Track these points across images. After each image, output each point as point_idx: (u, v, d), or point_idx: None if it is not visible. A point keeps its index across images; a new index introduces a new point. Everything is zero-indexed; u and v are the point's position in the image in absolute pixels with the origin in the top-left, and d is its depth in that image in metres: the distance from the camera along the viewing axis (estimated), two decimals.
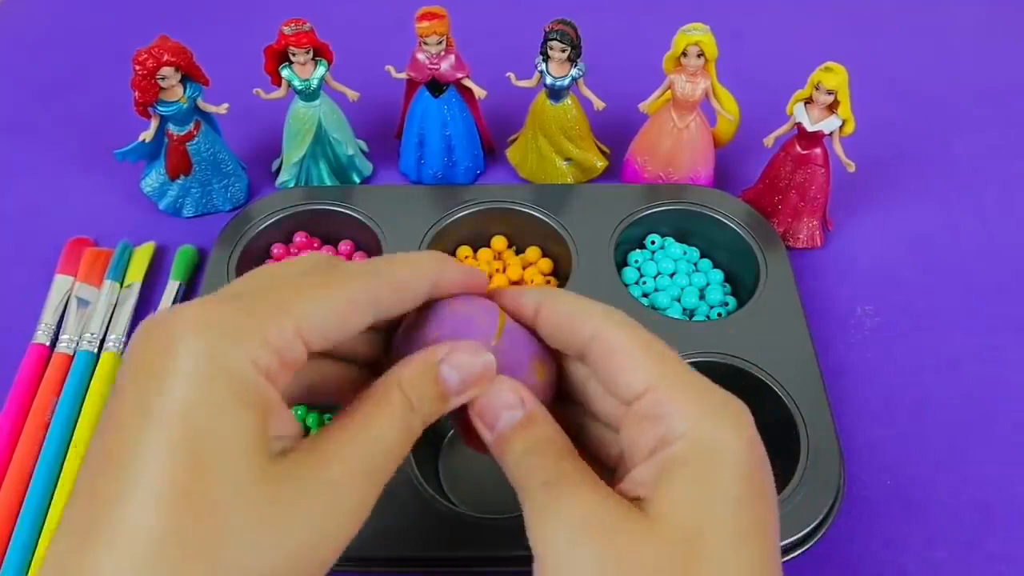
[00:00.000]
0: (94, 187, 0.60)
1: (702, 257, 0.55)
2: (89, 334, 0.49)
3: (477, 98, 0.56)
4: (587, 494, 0.24)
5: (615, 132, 0.61)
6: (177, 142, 0.54)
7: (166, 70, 0.50)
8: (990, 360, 0.50)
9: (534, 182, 0.59)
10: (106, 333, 0.50)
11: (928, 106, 0.67)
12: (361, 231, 0.53)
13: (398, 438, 0.25)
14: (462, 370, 0.26)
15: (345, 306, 0.24)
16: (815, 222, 0.55)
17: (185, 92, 0.52)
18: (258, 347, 0.22)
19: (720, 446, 0.24)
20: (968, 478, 0.45)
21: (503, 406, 0.26)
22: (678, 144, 0.55)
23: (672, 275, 0.53)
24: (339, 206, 0.54)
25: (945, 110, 0.67)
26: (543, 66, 0.53)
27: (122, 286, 0.53)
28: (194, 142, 0.54)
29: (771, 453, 0.26)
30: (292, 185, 0.58)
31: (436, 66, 0.54)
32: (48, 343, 0.50)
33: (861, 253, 0.56)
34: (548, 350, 0.29)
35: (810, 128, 0.51)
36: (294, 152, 0.56)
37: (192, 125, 0.54)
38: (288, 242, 0.54)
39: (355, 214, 0.53)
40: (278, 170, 0.59)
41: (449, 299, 0.28)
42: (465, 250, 0.54)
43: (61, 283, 0.52)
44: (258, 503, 0.21)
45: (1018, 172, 0.62)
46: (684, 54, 0.52)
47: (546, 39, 0.52)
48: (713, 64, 0.52)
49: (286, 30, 0.52)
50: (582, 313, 0.27)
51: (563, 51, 0.52)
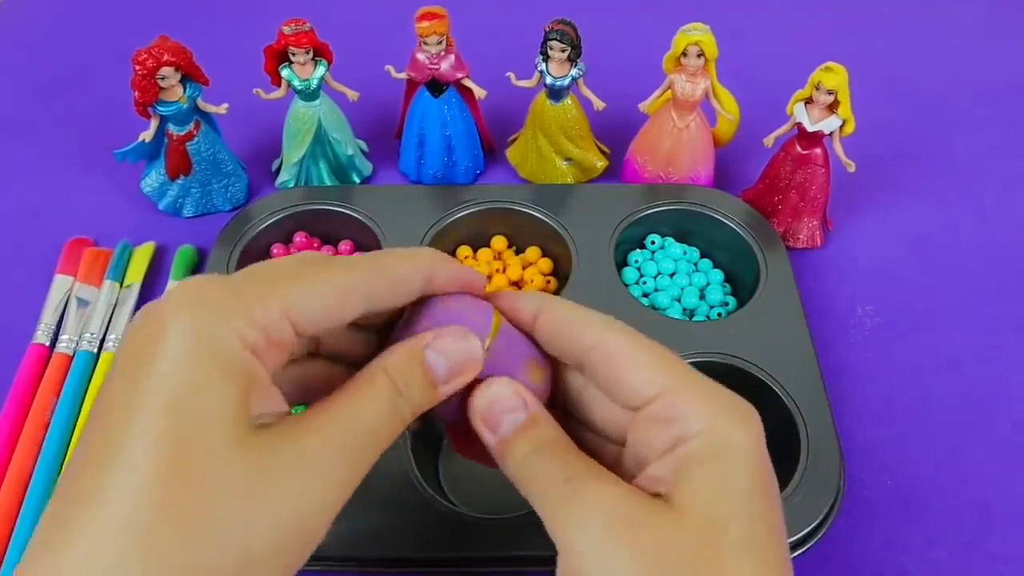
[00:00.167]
0: (94, 187, 0.60)
1: (702, 257, 0.55)
2: (89, 334, 0.49)
3: (477, 98, 0.56)
4: (612, 487, 0.24)
5: (615, 132, 0.61)
6: (177, 142, 0.54)
7: (166, 70, 0.50)
8: (990, 360, 0.50)
9: (534, 182, 0.59)
10: (106, 333, 0.50)
11: (928, 106, 0.67)
12: (361, 231, 0.53)
13: (382, 419, 0.25)
14: (449, 356, 0.26)
15: (334, 292, 0.25)
16: (815, 222, 0.55)
17: (185, 92, 0.52)
18: (244, 323, 0.23)
19: (734, 442, 0.25)
20: (968, 478, 0.45)
21: (505, 409, 0.26)
22: (678, 144, 0.55)
23: (672, 275, 0.53)
24: (339, 206, 0.54)
25: (945, 110, 0.67)
26: (543, 66, 0.53)
27: (122, 286, 0.53)
28: (194, 142, 0.54)
29: (771, 453, 0.26)
30: (292, 185, 0.58)
31: (436, 66, 0.54)
32: (48, 343, 0.49)
33: (861, 253, 0.56)
34: (544, 354, 0.29)
35: (810, 128, 0.51)
36: (294, 152, 0.56)
37: (192, 125, 0.54)
38: (288, 242, 0.54)
39: (355, 214, 0.53)
40: (278, 170, 0.59)
41: (443, 296, 0.28)
42: (465, 250, 0.54)
43: (61, 283, 0.52)
44: (237, 471, 0.21)
45: (1018, 172, 0.62)
46: (684, 54, 0.52)
47: (546, 39, 0.52)
48: (713, 64, 0.52)
49: (286, 30, 0.52)
50: (581, 321, 0.27)
51: (563, 51, 0.52)
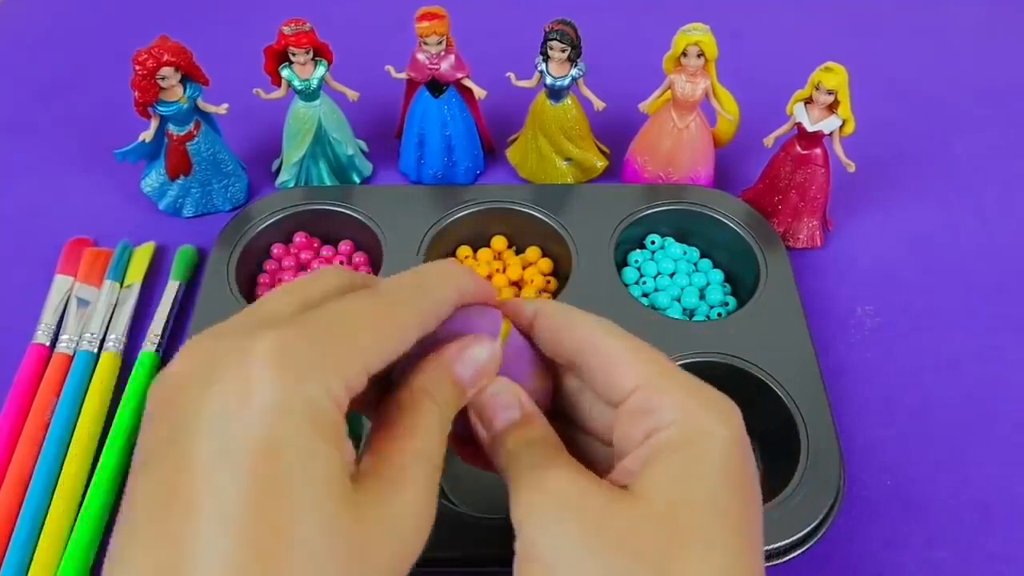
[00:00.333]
0: (94, 187, 0.60)
1: (702, 257, 0.55)
2: (89, 334, 0.49)
3: (477, 98, 0.56)
4: (572, 474, 0.25)
5: (615, 132, 0.61)
6: (177, 142, 0.54)
7: (166, 70, 0.50)
8: (990, 360, 0.50)
9: (534, 182, 0.59)
10: (106, 333, 0.50)
11: (928, 106, 0.67)
12: (361, 231, 0.53)
13: (441, 442, 0.26)
14: (475, 365, 0.27)
15: (401, 334, 0.25)
16: (815, 222, 0.55)
17: (185, 92, 0.52)
18: (335, 381, 0.22)
19: (708, 434, 0.25)
20: (968, 478, 0.45)
21: (500, 406, 0.27)
22: (678, 144, 0.55)
23: (672, 275, 0.53)
24: (339, 206, 0.54)
25: (945, 110, 0.67)
26: (543, 66, 0.53)
27: (122, 286, 0.53)
28: (194, 142, 0.54)
29: (771, 453, 0.26)
30: (292, 185, 0.58)
31: (436, 66, 0.54)
32: (48, 343, 0.49)
33: (861, 253, 0.56)
34: (546, 361, 0.29)
35: (810, 128, 0.51)
36: (294, 152, 0.56)
37: (192, 125, 0.54)
38: (288, 242, 0.54)
39: (355, 214, 0.53)
40: (278, 170, 0.59)
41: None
42: (465, 250, 0.54)
43: (61, 283, 0.52)
44: (343, 533, 0.21)
45: (1018, 172, 0.62)
46: (684, 54, 0.52)
47: (546, 39, 0.52)
48: (713, 64, 0.52)
49: (286, 30, 0.52)
50: (573, 322, 0.28)
51: (563, 51, 0.52)
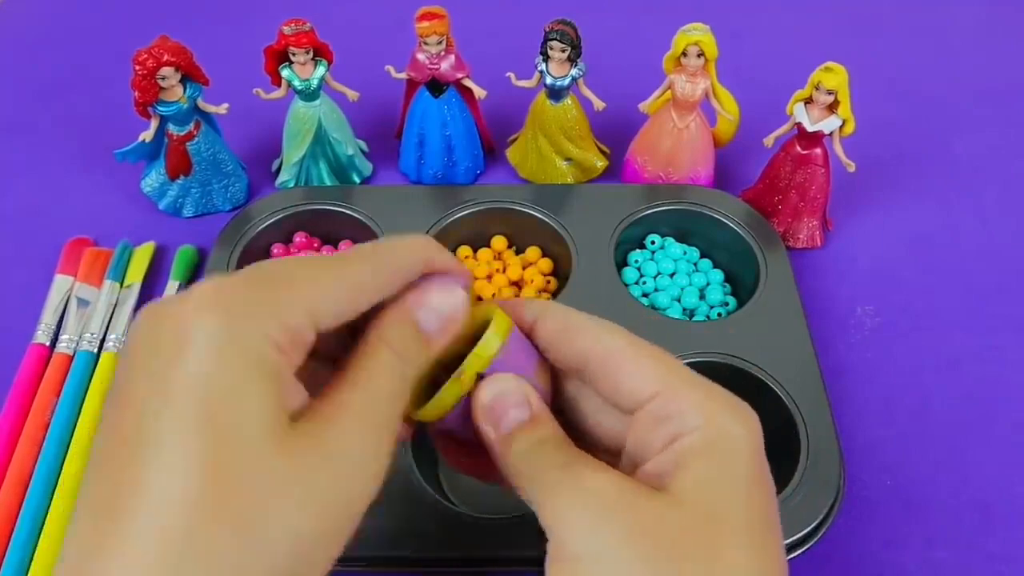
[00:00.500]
0: (94, 187, 0.60)
1: (702, 257, 0.55)
2: (89, 334, 0.49)
3: (477, 98, 0.56)
4: (609, 473, 0.25)
5: (615, 132, 0.61)
6: (177, 142, 0.54)
7: (166, 70, 0.50)
8: (990, 360, 0.50)
9: (534, 182, 0.59)
10: (106, 333, 0.50)
11: (928, 106, 0.67)
12: (361, 231, 0.53)
13: (396, 388, 0.25)
14: (439, 311, 0.27)
15: (350, 288, 0.25)
16: (815, 222, 0.55)
17: (185, 92, 0.52)
18: (271, 323, 0.23)
19: (733, 436, 0.25)
20: (968, 478, 0.45)
21: (509, 404, 0.26)
22: (678, 144, 0.55)
23: (672, 275, 0.53)
24: (339, 206, 0.54)
25: (945, 110, 0.67)
26: (543, 66, 0.53)
27: (122, 286, 0.53)
28: (194, 142, 0.54)
29: (771, 453, 0.26)
30: (292, 185, 0.58)
31: (436, 66, 0.54)
32: (48, 343, 0.49)
33: (861, 253, 0.56)
34: (546, 362, 0.29)
35: (810, 128, 0.51)
36: (294, 152, 0.56)
37: (192, 125, 0.54)
38: (288, 242, 0.54)
39: (355, 214, 0.53)
40: (278, 170, 0.59)
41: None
42: (465, 250, 0.54)
43: (61, 283, 0.52)
44: (282, 466, 0.21)
45: (1018, 172, 0.62)
46: (684, 54, 0.52)
47: (546, 39, 0.52)
48: (713, 64, 0.52)
49: (286, 30, 0.52)
50: (579, 325, 0.28)
51: (563, 51, 0.52)
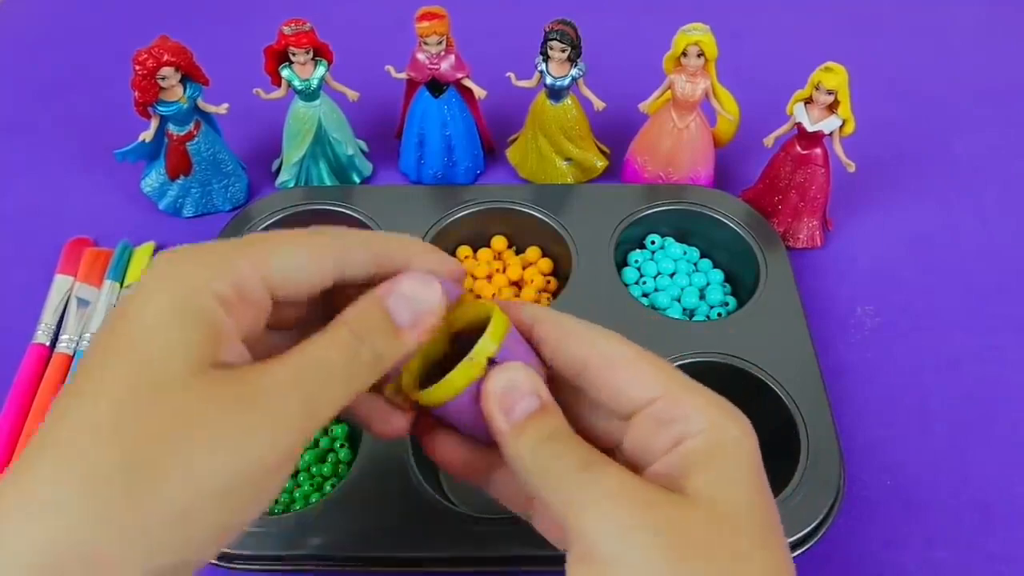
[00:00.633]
0: (94, 187, 0.60)
1: (702, 257, 0.55)
2: (89, 334, 0.49)
3: (477, 98, 0.56)
4: (628, 474, 0.25)
5: (615, 132, 0.61)
6: (177, 142, 0.54)
7: (166, 70, 0.50)
8: (990, 360, 0.50)
9: (534, 182, 0.59)
10: None
11: (928, 106, 0.67)
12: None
13: (338, 361, 0.24)
14: (410, 300, 0.26)
15: (308, 254, 0.26)
16: (815, 222, 0.55)
17: (185, 92, 0.52)
18: (215, 277, 0.23)
19: (736, 441, 0.26)
20: (968, 478, 0.45)
21: (522, 394, 0.26)
22: (678, 144, 0.55)
23: (672, 275, 0.53)
24: (339, 206, 0.54)
25: (945, 110, 0.67)
26: (543, 66, 0.53)
27: (122, 286, 0.53)
28: (194, 142, 0.54)
29: (771, 453, 0.26)
30: (292, 185, 0.58)
31: (436, 66, 0.54)
32: (48, 343, 0.50)
33: (861, 253, 0.56)
34: (541, 364, 0.29)
35: (810, 128, 0.51)
36: (294, 152, 0.56)
37: (192, 125, 0.54)
38: None
39: (355, 214, 0.53)
40: (278, 170, 0.59)
41: None
42: (465, 250, 0.54)
43: (61, 283, 0.52)
44: (190, 402, 0.22)
45: (1018, 172, 0.62)
46: (684, 54, 0.52)
47: (546, 39, 0.52)
48: (713, 64, 0.52)
49: (286, 30, 0.52)
50: (577, 331, 0.28)
51: (563, 51, 0.52)
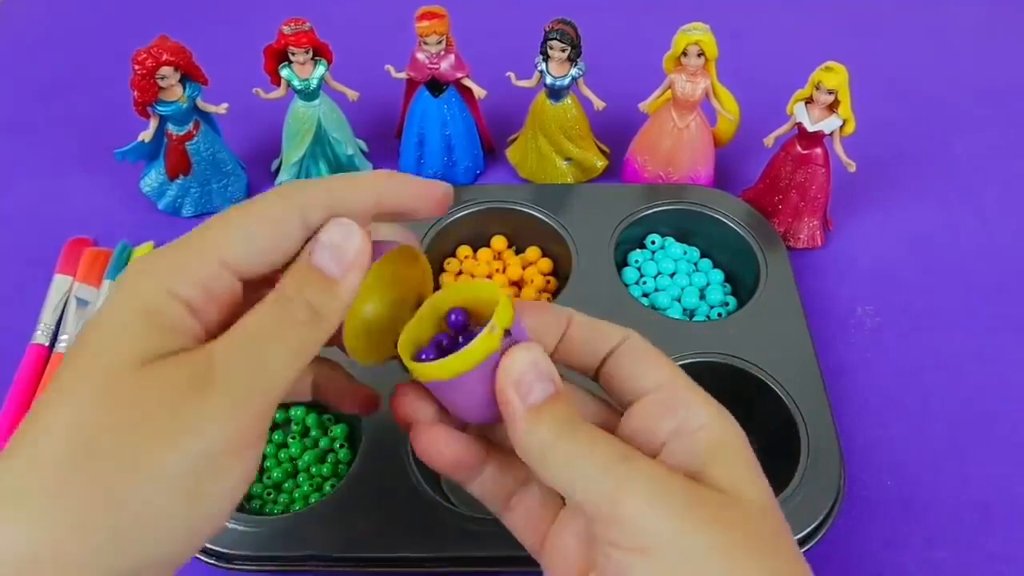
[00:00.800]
0: (94, 187, 0.60)
1: (702, 257, 0.55)
2: None
3: (477, 98, 0.56)
4: (662, 466, 0.25)
5: (615, 132, 0.61)
6: (176, 142, 0.54)
7: (165, 70, 0.50)
8: (990, 360, 0.50)
9: (534, 182, 0.59)
10: None
11: (928, 106, 0.67)
12: None
13: (274, 326, 0.24)
14: (334, 248, 0.25)
15: (268, 226, 0.25)
16: (815, 222, 0.55)
17: (184, 92, 0.52)
18: (177, 283, 0.23)
19: (737, 436, 0.26)
20: (968, 478, 0.45)
21: (539, 376, 0.26)
22: (678, 144, 0.55)
23: (672, 275, 0.53)
24: None
25: (945, 110, 0.67)
26: (543, 66, 0.53)
27: None
28: (193, 142, 0.54)
29: (771, 453, 0.26)
30: None
31: (436, 66, 0.54)
32: (47, 343, 0.49)
33: (861, 253, 0.56)
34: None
35: (810, 128, 0.51)
36: (294, 152, 0.56)
37: (191, 125, 0.54)
38: None
39: None
40: (278, 170, 0.59)
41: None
42: (465, 250, 0.54)
43: (60, 283, 0.52)
44: (146, 390, 0.22)
45: (1018, 172, 0.62)
46: (684, 54, 0.52)
47: (546, 39, 0.52)
48: (713, 64, 0.52)
49: (286, 30, 0.52)
50: (605, 324, 0.29)
51: (563, 51, 0.52)
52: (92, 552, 0.20)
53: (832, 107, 0.50)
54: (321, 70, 0.54)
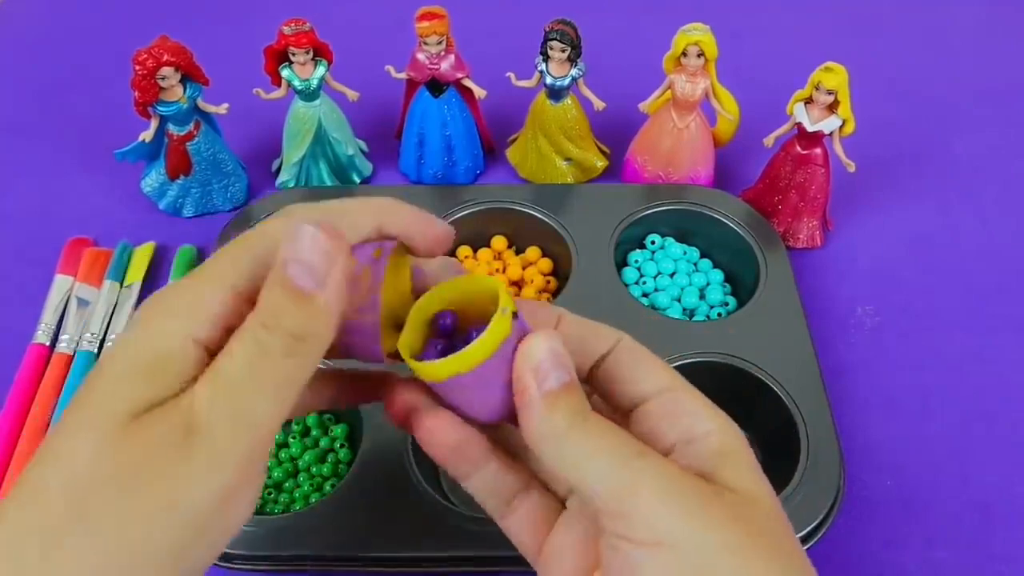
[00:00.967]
0: (94, 187, 0.60)
1: (702, 257, 0.55)
2: (89, 334, 0.49)
3: (477, 98, 0.56)
4: (675, 464, 0.25)
5: (615, 132, 0.61)
6: (177, 142, 0.54)
7: (166, 70, 0.50)
8: (990, 360, 0.50)
9: (534, 182, 0.59)
10: (106, 333, 0.50)
11: (928, 106, 0.67)
12: None
13: (253, 365, 0.22)
14: (300, 260, 0.22)
15: (268, 239, 0.24)
16: (815, 222, 0.55)
17: (185, 92, 0.52)
18: (192, 323, 0.23)
19: (741, 440, 0.26)
20: (968, 478, 0.45)
21: (557, 364, 0.25)
22: (678, 144, 0.55)
23: (672, 275, 0.53)
24: None
25: (945, 110, 0.67)
26: (543, 66, 0.53)
27: (122, 286, 0.53)
28: (194, 142, 0.54)
29: (771, 453, 0.26)
30: (292, 185, 0.58)
31: (436, 66, 0.54)
32: (48, 343, 0.50)
33: (861, 253, 0.56)
34: None
35: (810, 128, 0.51)
36: (294, 152, 0.56)
37: (192, 125, 0.54)
38: None
39: None
40: (278, 170, 0.59)
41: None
42: (465, 250, 0.54)
43: (61, 283, 0.52)
44: (135, 446, 0.22)
45: (1018, 172, 0.62)
46: (684, 54, 0.52)
47: (546, 39, 0.52)
48: (713, 64, 0.52)
49: (286, 30, 0.52)
50: (600, 326, 0.28)
51: (563, 51, 0.52)
52: None
53: (832, 107, 0.50)
54: (321, 70, 0.54)
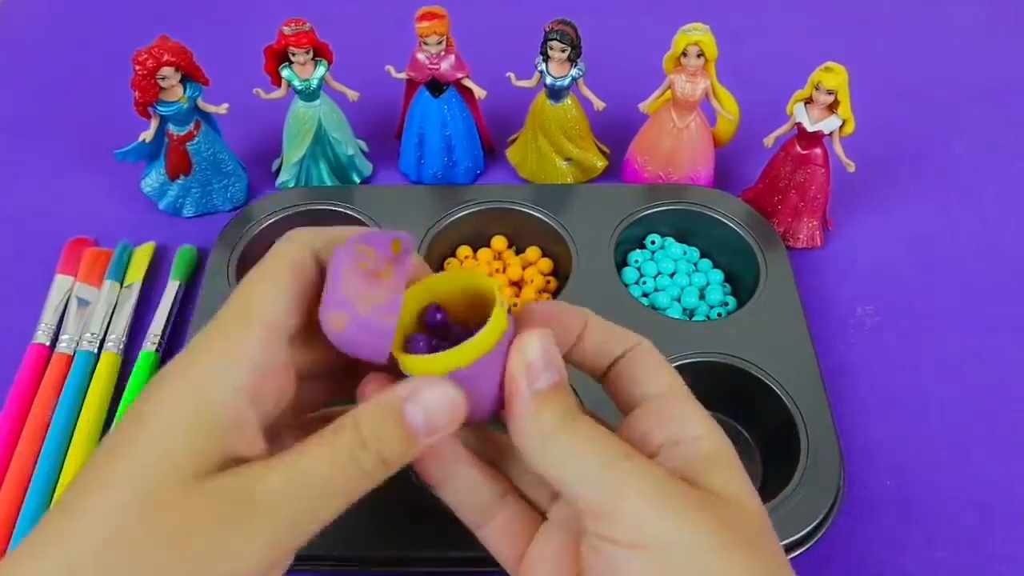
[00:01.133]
0: (94, 187, 0.60)
1: (702, 257, 0.55)
2: (89, 334, 0.49)
3: (477, 98, 0.56)
4: (662, 467, 0.25)
5: (615, 132, 0.61)
6: (177, 142, 0.54)
7: (166, 70, 0.50)
8: (990, 360, 0.50)
9: (534, 182, 0.59)
10: (106, 333, 0.50)
11: (928, 106, 0.67)
12: None
13: (336, 475, 0.24)
14: (429, 411, 0.24)
15: (284, 264, 0.25)
16: (815, 222, 0.55)
17: (185, 92, 0.52)
18: (234, 374, 0.23)
19: (730, 450, 0.27)
20: (968, 478, 0.45)
21: (549, 363, 0.26)
22: (678, 144, 0.55)
23: (672, 275, 0.53)
24: (339, 206, 0.54)
25: (945, 110, 0.67)
26: (543, 66, 0.53)
27: (122, 286, 0.53)
28: (194, 142, 0.54)
29: (771, 453, 0.26)
30: (292, 185, 0.58)
31: (436, 66, 0.54)
32: (48, 343, 0.49)
33: (861, 253, 0.56)
34: None
35: (810, 128, 0.51)
36: (294, 152, 0.56)
37: (192, 125, 0.54)
38: None
39: (355, 214, 0.53)
40: (278, 170, 0.59)
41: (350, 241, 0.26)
42: (465, 250, 0.54)
43: (61, 283, 0.52)
44: (189, 513, 0.22)
45: (1018, 172, 0.62)
46: (684, 54, 0.52)
47: (546, 39, 0.52)
48: (713, 64, 0.52)
49: (286, 30, 0.52)
50: (626, 332, 0.29)
51: (563, 51, 0.52)
52: None
53: (832, 107, 0.50)
54: (321, 70, 0.54)
